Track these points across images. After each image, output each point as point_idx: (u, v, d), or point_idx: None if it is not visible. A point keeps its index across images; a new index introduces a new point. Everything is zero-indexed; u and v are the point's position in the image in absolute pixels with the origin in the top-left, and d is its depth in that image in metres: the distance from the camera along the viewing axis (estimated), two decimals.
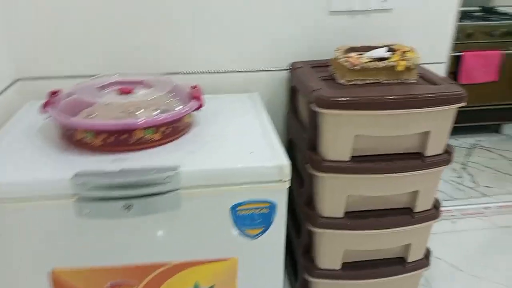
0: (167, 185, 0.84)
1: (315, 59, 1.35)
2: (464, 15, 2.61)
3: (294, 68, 1.30)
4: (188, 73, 1.34)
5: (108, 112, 0.92)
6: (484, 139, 2.82)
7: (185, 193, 0.86)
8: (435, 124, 1.08)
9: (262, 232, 0.93)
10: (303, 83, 1.16)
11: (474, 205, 2.00)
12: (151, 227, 0.89)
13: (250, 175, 0.88)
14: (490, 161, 2.53)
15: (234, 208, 0.90)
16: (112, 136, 0.89)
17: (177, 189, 0.85)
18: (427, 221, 1.21)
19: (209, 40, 1.31)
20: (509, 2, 2.94)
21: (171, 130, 0.95)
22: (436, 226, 1.24)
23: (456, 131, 1.14)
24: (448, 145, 1.15)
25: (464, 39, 2.48)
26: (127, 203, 0.83)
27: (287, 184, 0.91)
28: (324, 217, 1.15)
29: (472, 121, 2.76)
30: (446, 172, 1.15)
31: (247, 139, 0.99)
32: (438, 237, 1.80)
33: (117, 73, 1.12)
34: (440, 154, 1.13)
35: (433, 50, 1.45)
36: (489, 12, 2.85)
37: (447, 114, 1.08)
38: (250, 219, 0.91)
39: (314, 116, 1.08)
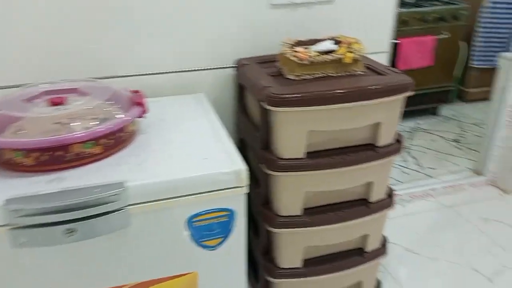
0: (114, 204, 0.76)
1: (260, 55, 1.31)
2: (398, 3, 2.68)
3: (240, 65, 1.25)
4: (126, 76, 1.25)
5: (38, 127, 0.82)
6: (423, 122, 2.94)
7: (135, 209, 0.79)
8: (385, 115, 1.08)
9: (222, 242, 0.88)
10: (251, 80, 1.12)
11: (421, 187, 2.06)
12: (99, 250, 0.81)
13: (205, 184, 0.82)
14: (431, 143, 2.64)
15: (190, 220, 0.84)
16: (46, 154, 0.80)
17: (125, 207, 0.78)
18: (383, 209, 1.22)
19: (147, 39, 1.23)
20: None
21: (113, 141, 0.87)
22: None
23: None
24: (398, 134, 1.16)
25: (400, 26, 2.55)
26: (70, 228, 0.75)
27: (245, 190, 0.86)
28: (282, 216, 1.13)
29: (412, 105, 2.85)
30: None
31: (198, 144, 0.93)
32: (390, 222, 1.84)
33: (47, 82, 1.02)
34: (391, 144, 1.13)
35: (375, 40, 1.46)
36: None
37: (397, 103, 1.08)
38: (208, 229, 0.85)
39: (265, 114, 1.04)
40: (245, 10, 1.28)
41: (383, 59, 1.50)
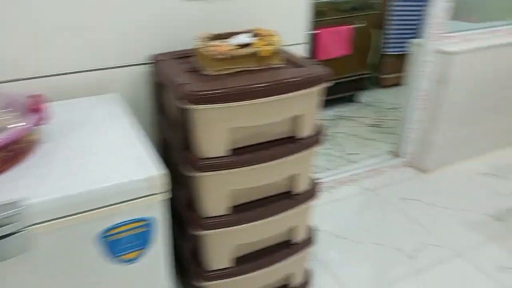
0: (13, 225, 0.68)
1: (177, 50, 1.26)
2: None
3: (156, 61, 1.19)
4: (29, 78, 1.13)
5: None
6: (344, 110, 3.04)
7: (38, 229, 0.71)
8: (305, 106, 1.08)
9: (142, 254, 0.82)
10: (168, 77, 1.06)
11: (345, 173, 2.13)
12: None
13: (116, 194, 0.76)
14: (353, 129, 2.74)
15: (103, 235, 0.77)
16: None
17: (26, 228, 0.69)
18: (308, 200, 1.23)
19: (50, 36, 1.12)
20: None
21: (10, 153, 0.78)
22: None
23: None
24: (318, 124, 1.16)
25: (317, 17, 2.60)
26: None
27: (164, 196, 0.81)
28: (208, 218, 1.09)
29: (331, 94, 2.93)
30: None
31: (109, 151, 0.86)
32: (317, 209, 1.88)
33: None
34: (312, 135, 1.14)
35: (292, 32, 1.46)
36: None
37: (316, 94, 1.09)
38: (125, 243, 0.79)
39: (184, 112, 0.99)
40: (156, 2, 1.21)
41: (301, 50, 1.50)
